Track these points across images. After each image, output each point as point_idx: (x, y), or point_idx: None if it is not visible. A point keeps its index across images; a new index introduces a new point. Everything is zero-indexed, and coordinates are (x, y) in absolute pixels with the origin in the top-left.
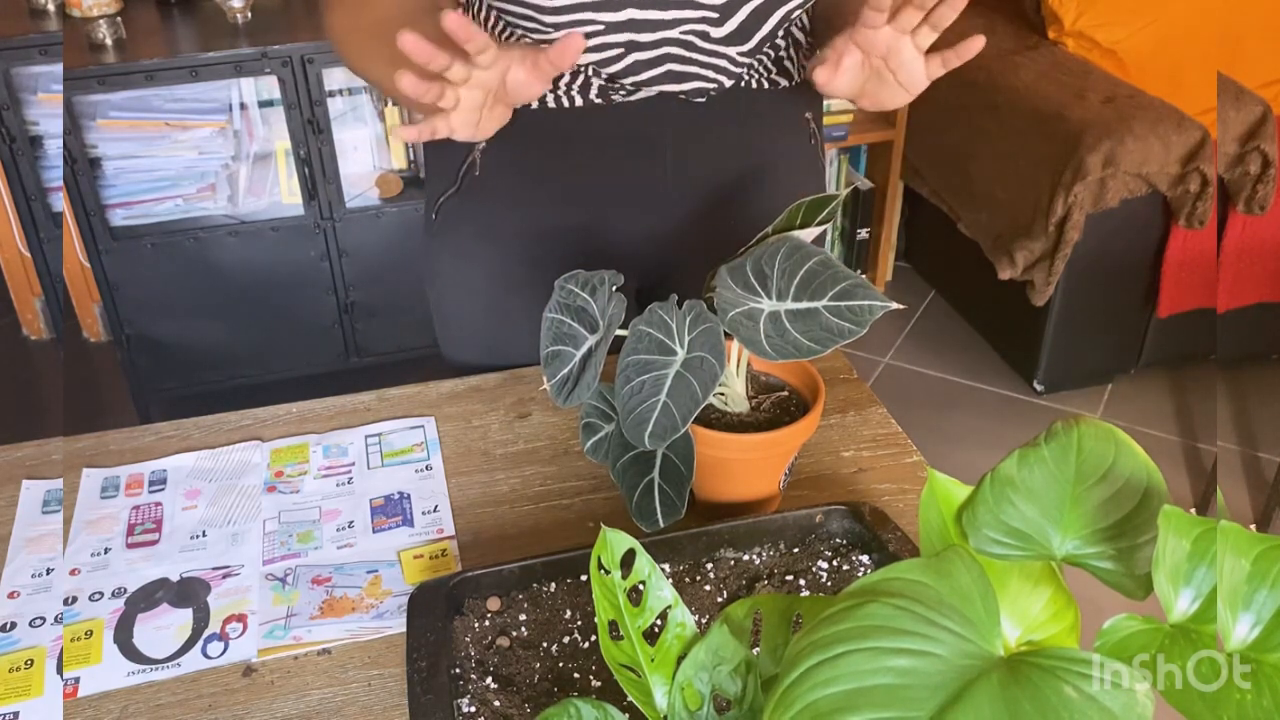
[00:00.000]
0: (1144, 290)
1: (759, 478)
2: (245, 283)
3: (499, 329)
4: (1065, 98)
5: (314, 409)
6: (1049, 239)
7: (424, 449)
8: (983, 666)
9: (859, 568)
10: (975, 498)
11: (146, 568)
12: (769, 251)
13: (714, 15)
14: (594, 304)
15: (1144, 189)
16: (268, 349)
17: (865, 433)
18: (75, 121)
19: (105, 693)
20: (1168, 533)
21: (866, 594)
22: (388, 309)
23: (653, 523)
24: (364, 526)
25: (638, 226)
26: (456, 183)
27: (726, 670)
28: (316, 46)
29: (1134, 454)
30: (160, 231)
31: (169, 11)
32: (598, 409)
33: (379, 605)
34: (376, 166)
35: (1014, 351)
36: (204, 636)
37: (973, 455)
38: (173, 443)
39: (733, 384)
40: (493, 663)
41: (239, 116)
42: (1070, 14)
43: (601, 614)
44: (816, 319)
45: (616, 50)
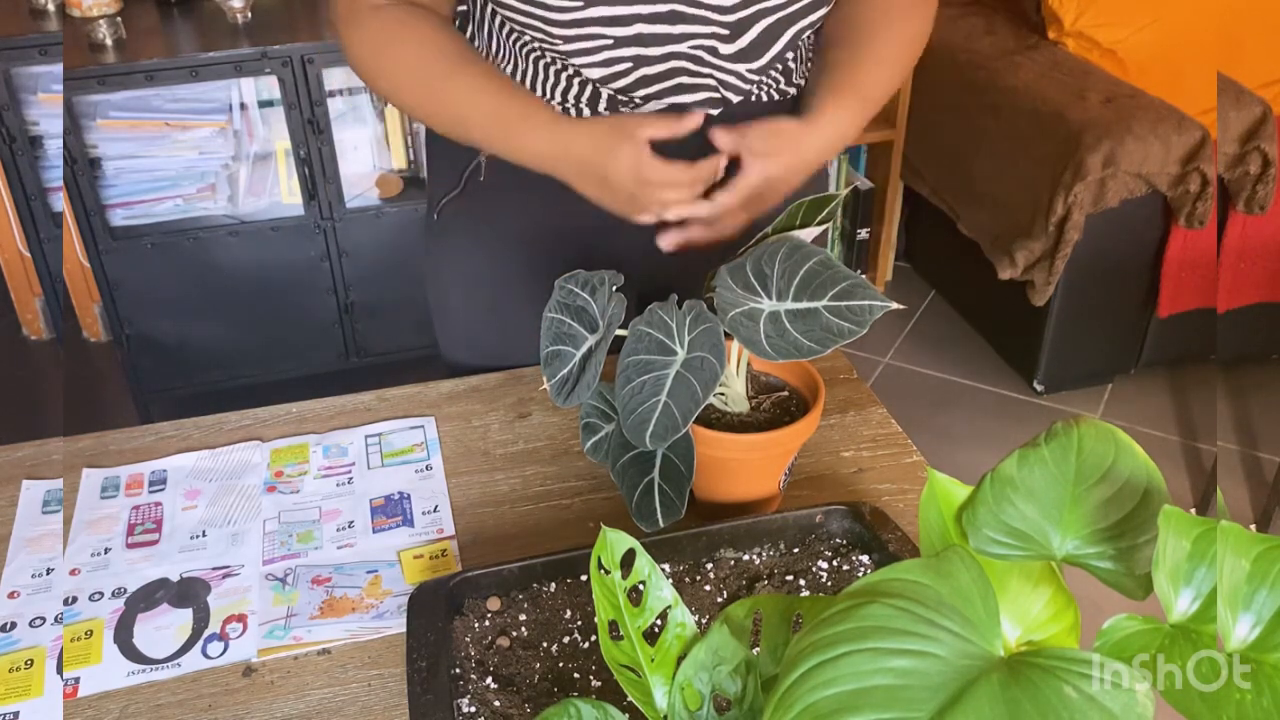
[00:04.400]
0: (1144, 290)
1: (759, 478)
2: (245, 283)
3: (499, 329)
4: (1065, 98)
5: (314, 409)
6: (1049, 239)
7: (424, 449)
8: (983, 667)
9: (859, 568)
10: (975, 498)
11: (146, 568)
12: (769, 251)
13: (724, 32)
14: (594, 304)
15: (1144, 189)
16: (268, 349)
17: (865, 433)
18: (75, 121)
19: (105, 693)
20: (1168, 533)
21: (866, 594)
22: (388, 309)
23: (653, 523)
24: (364, 526)
25: (639, 229)
26: (460, 185)
27: (726, 670)
28: (316, 46)
29: (1134, 454)
30: (160, 231)
31: (169, 11)
32: (598, 409)
33: (379, 605)
34: (376, 166)
35: (1014, 351)
36: (204, 636)
37: (973, 455)
38: (173, 443)
39: (733, 384)
40: (493, 663)
41: (239, 116)
42: (1070, 14)
43: (601, 614)
44: (816, 319)
45: (625, 65)
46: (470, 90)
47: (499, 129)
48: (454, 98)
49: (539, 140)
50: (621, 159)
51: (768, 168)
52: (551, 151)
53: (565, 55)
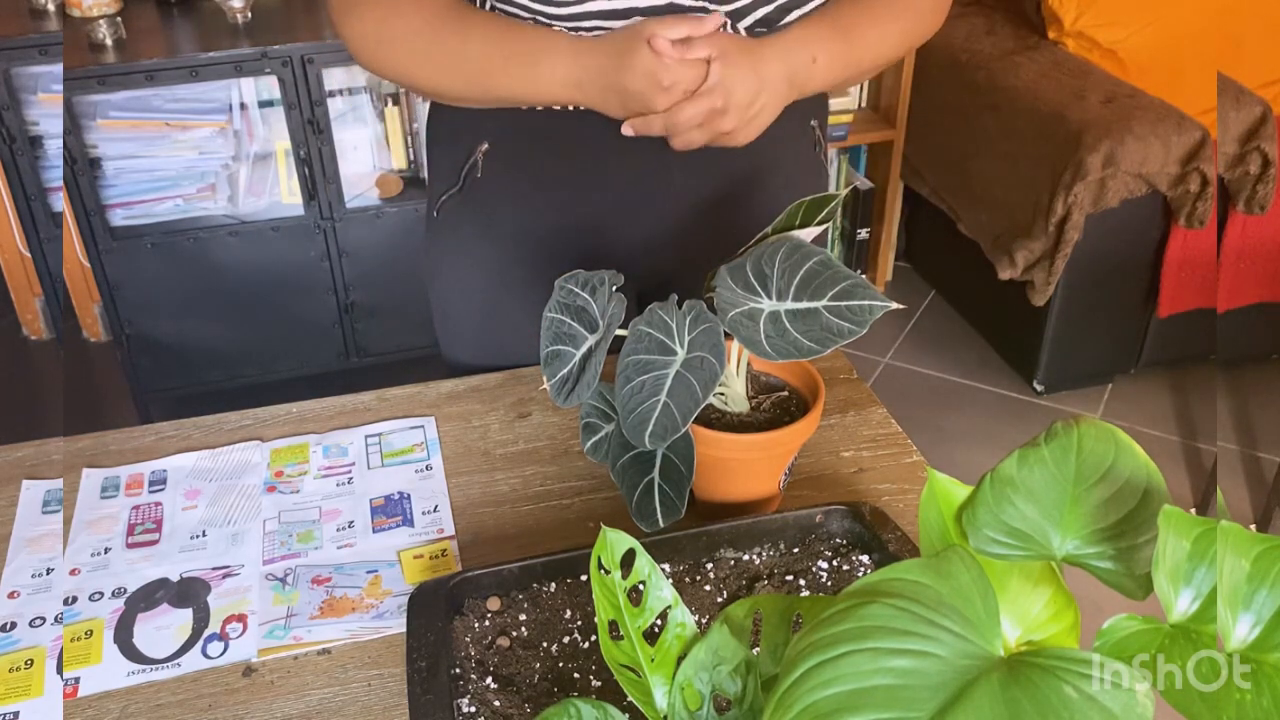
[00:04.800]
0: (1144, 290)
1: (759, 478)
2: (245, 283)
3: (499, 328)
4: (1065, 98)
5: (314, 409)
6: (1049, 239)
7: (424, 449)
8: (983, 667)
9: (859, 568)
10: (975, 498)
11: (146, 568)
12: (769, 251)
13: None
14: (594, 304)
15: (1144, 189)
16: (268, 349)
17: (865, 433)
18: (75, 121)
19: (105, 693)
20: (1168, 533)
21: (866, 594)
22: (388, 309)
23: (653, 523)
24: (364, 526)
25: (638, 227)
26: (459, 181)
27: (726, 670)
28: (316, 46)
29: (1134, 454)
30: (160, 231)
31: (169, 11)
32: (598, 409)
33: (379, 605)
34: (376, 166)
35: (1014, 351)
36: (204, 636)
37: (973, 455)
38: (173, 443)
39: (733, 384)
40: (493, 663)
41: (239, 116)
42: (1070, 14)
43: (601, 614)
44: (816, 319)
45: None
46: (484, 38)
47: (522, 65)
48: (470, 49)
49: (561, 65)
50: (638, 63)
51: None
52: (575, 75)
53: None
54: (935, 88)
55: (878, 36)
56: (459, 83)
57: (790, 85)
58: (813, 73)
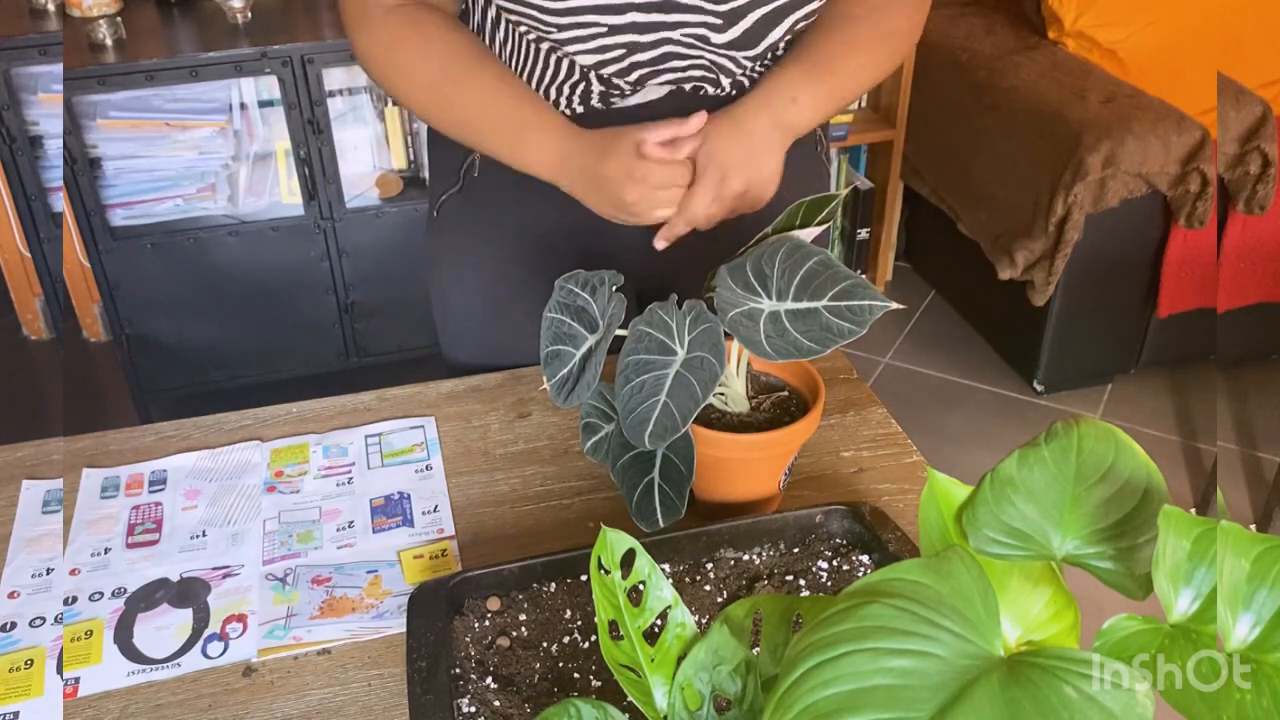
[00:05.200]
0: (1144, 290)
1: (759, 478)
2: (245, 283)
3: (499, 328)
4: (1065, 98)
5: (314, 409)
6: (1049, 239)
7: (424, 449)
8: (983, 667)
9: (859, 568)
10: (975, 498)
11: (146, 568)
12: (769, 251)
13: (717, 22)
14: (594, 304)
15: (1144, 189)
16: (268, 349)
17: (865, 433)
18: (75, 121)
19: (105, 693)
20: (1168, 533)
21: (866, 594)
22: (388, 309)
23: (653, 523)
24: (364, 526)
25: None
26: (459, 181)
27: (726, 670)
28: (316, 46)
29: (1134, 454)
30: (160, 231)
31: (169, 11)
32: (598, 409)
33: (379, 605)
34: (376, 166)
35: (1014, 351)
36: (204, 636)
37: (973, 455)
38: (173, 443)
39: (733, 384)
40: (493, 663)
41: (239, 116)
42: (1070, 14)
43: (601, 614)
44: (816, 319)
45: (618, 51)
46: (479, 101)
47: (510, 135)
48: (465, 103)
49: (544, 149)
50: (616, 158)
51: (714, 154)
52: (559, 155)
53: (560, 44)
54: (935, 88)
55: (857, 65)
56: (450, 129)
57: (779, 128)
58: (797, 112)
